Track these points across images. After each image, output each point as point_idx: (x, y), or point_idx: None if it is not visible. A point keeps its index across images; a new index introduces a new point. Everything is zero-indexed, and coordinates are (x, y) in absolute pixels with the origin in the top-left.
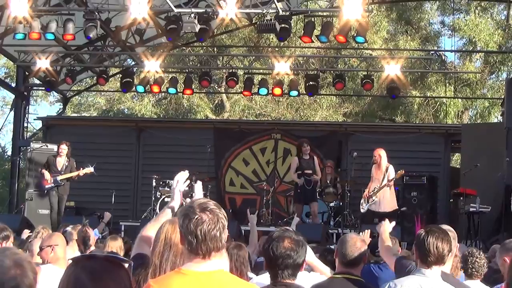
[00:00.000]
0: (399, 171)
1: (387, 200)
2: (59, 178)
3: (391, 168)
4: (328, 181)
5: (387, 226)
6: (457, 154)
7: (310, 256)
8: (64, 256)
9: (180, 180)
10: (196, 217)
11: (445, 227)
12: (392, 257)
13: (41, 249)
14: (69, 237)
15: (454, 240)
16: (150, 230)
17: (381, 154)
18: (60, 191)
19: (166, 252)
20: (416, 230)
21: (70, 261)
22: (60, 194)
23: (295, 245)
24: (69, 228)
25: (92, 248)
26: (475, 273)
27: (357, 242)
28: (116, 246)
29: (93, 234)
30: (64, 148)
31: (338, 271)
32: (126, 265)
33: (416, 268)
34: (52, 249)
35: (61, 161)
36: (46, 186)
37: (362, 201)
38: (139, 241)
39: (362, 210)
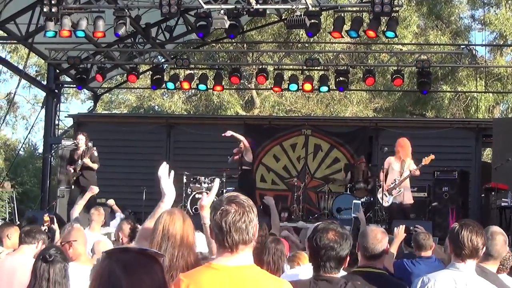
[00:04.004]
0: (427, 157)
1: (409, 191)
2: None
3: (410, 159)
4: (361, 177)
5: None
6: (488, 148)
7: None
8: (85, 252)
9: (163, 175)
10: (221, 209)
11: (496, 228)
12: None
13: (62, 245)
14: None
15: (506, 244)
16: (148, 226)
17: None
18: (82, 183)
19: (164, 243)
20: (450, 224)
21: (104, 254)
22: (82, 186)
23: (339, 238)
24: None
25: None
26: (501, 266)
27: (378, 234)
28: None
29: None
30: (81, 139)
31: (361, 265)
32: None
33: (450, 262)
34: (70, 246)
35: (79, 152)
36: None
37: (381, 195)
38: (139, 237)
39: (386, 204)
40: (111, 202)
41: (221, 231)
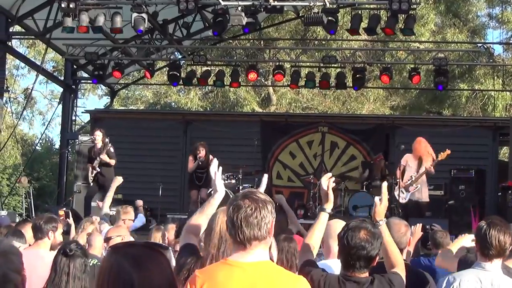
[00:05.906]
0: (443, 152)
1: (426, 188)
2: (95, 165)
3: (428, 157)
4: (379, 174)
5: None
6: (505, 147)
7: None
8: None
9: (215, 172)
10: (234, 203)
11: None
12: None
13: (109, 239)
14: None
15: None
16: (196, 221)
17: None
18: (100, 180)
19: (223, 245)
20: (472, 223)
21: (110, 249)
22: (100, 184)
23: (370, 237)
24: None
25: None
26: None
27: (402, 227)
28: (158, 236)
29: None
30: (98, 135)
31: None
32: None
33: (475, 261)
34: (122, 240)
35: (96, 149)
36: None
37: (397, 192)
38: (186, 232)
39: (402, 201)
40: (139, 203)
41: (233, 226)
